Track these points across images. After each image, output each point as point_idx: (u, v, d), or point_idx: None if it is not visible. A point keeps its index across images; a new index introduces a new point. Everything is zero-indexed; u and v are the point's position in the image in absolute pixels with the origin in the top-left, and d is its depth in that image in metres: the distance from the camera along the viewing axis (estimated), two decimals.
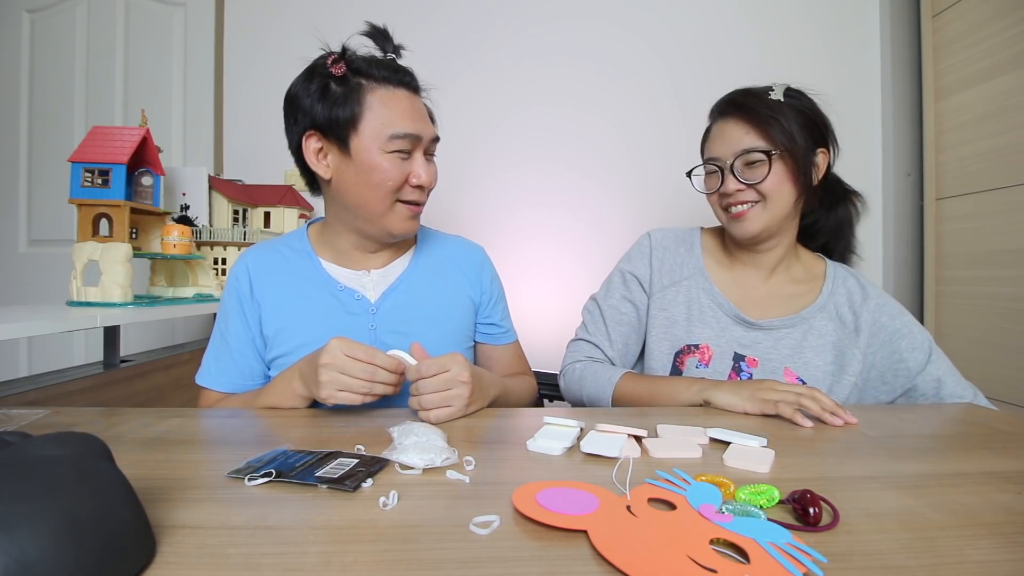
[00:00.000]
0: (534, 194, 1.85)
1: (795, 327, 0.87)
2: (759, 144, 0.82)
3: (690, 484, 0.44)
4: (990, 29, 1.53)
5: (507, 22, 1.88)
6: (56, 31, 1.97)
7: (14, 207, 2.00)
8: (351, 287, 0.84)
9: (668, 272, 0.94)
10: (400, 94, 0.78)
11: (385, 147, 0.76)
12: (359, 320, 0.83)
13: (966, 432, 0.64)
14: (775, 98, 0.83)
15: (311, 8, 1.91)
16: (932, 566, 0.34)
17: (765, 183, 0.82)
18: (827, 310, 0.88)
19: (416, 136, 0.77)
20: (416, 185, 0.79)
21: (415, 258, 0.90)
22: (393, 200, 0.79)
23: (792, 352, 0.86)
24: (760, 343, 0.87)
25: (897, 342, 0.84)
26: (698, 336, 0.89)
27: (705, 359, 0.88)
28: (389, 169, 0.76)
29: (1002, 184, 1.49)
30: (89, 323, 0.99)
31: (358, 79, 0.76)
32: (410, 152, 0.78)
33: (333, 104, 0.76)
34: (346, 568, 0.33)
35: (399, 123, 0.76)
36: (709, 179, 0.89)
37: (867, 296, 0.88)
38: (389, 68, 0.78)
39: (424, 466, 0.48)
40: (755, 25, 1.89)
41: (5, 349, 1.92)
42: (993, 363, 1.50)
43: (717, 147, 0.86)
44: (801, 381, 0.84)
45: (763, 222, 0.84)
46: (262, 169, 1.87)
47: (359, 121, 0.75)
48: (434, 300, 0.88)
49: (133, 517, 0.33)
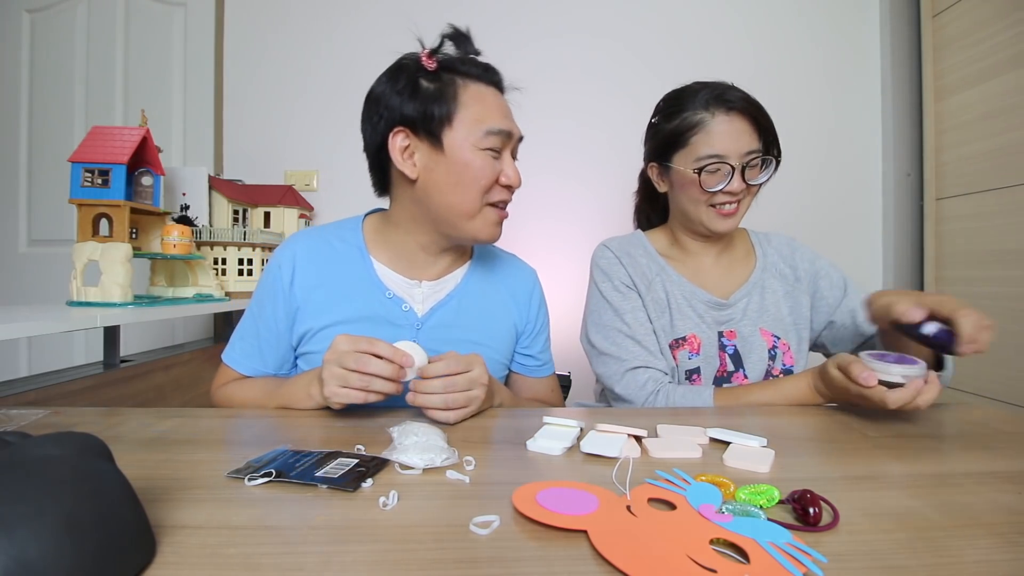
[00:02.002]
0: (542, 206, 1.86)
1: (752, 292, 0.94)
2: (759, 147, 0.85)
3: (690, 484, 0.44)
4: (990, 29, 1.53)
5: (509, 24, 1.88)
6: (56, 31, 1.97)
7: (14, 207, 2.00)
8: (400, 296, 0.81)
9: (639, 276, 0.93)
10: (491, 92, 0.77)
11: (480, 143, 0.74)
12: (402, 332, 0.79)
13: (966, 432, 0.64)
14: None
15: (311, 8, 1.91)
16: (932, 566, 0.34)
17: (761, 186, 0.87)
18: (769, 269, 0.96)
19: (509, 133, 0.76)
20: (506, 185, 0.77)
21: (468, 273, 0.87)
22: (483, 201, 0.76)
23: (759, 314, 0.92)
24: (733, 317, 0.92)
25: (817, 282, 0.95)
26: (681, 328, 0.90)
27: (695, 348, 0.90)
28: (482, 166, 0.74)
29: (1002, 184, 1.49)
30: (89, 323, 0.99)
31: (451, 75, 0.75)
32: (500, 151, 0.76)
33: (426, 100, 0.73)
34: (346, 568, 0.33)
35: (494, 119, 0.75)
36: (711, 177, 0.85)
37: (793, 248, 0.98)
38: (480, 66, 0.77)
39: (424, 466, 0.48)
40: (755, 25, 1.89)
41: (5, 349, 1.92)
42: (993, 363, 1.50)
43: (722, 144, 0.83)
44: (776, 336, 0.90)
45: (739, 220, 0.90)
46: (262, 169, 1.88)
47: (454, 116, 0.73)
48: (480, 323, 0.84)
49: (133, 517, 0.33)
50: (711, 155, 0.84)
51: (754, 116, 0.85)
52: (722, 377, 0.89)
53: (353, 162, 1.85)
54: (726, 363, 0.89)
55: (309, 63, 1.90)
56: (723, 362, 0.89)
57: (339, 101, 1.86)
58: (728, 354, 0.89)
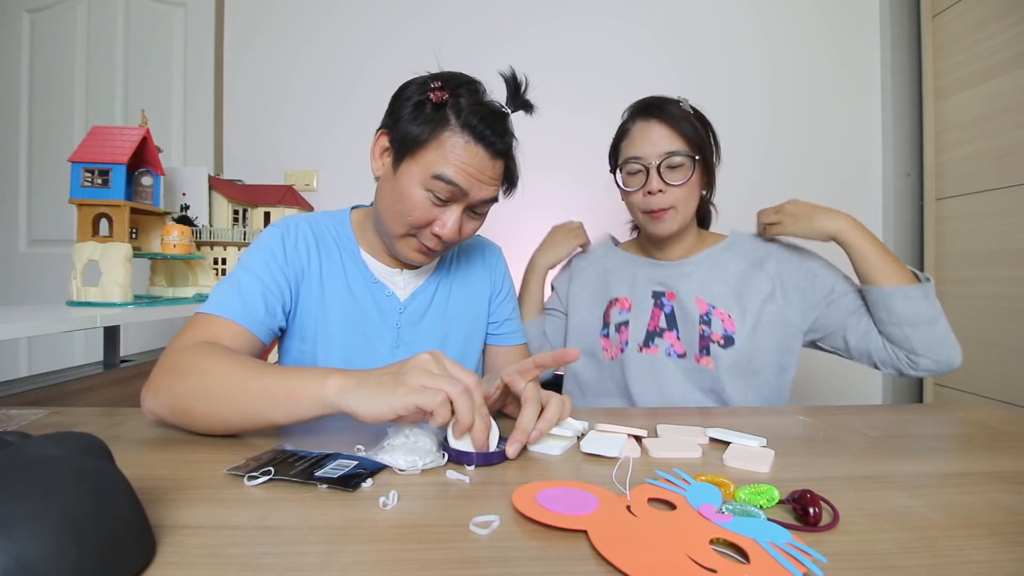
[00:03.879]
0: (540, 203, 1.85)
1: (701, 263, 0.97)
2: (681, 148, 0.88)
3: (690, 484, 0.44)
4: (990, 29, 1.53)
5: (505, 17, 1.88)
6: (56, 31, 1.97)
7: (14, 207, 2.00)
8: (383, 281, 0.84)
9: (580, 259, 1.10)
10: (474, 150, 0.72)
11: (424, 183, 0.72)
12: (386, 317, 0.83)
13: (966, 432, 0.64)
14: (686, 108, 0.91)
15: (311, 8, 1.91)
16: (932, 566, 0.34)
17: (684, 186, 0.89)
18: (732, 250, 0.98)
19: (460, 188, 0.72)
20: (436, 234, 0.74)
21: (445, 258, 0.90)
22: (407, 232, 0.76)
23: (702, 284, 0.95)
24: (674, 279, 0.97)
25: (807, 263, 0.95)
26: (616, 291, 1.01)
27: (625, 307, 0.99)
28: (417, 206, 0.72)
29: (1002, 184, 1.49)
30: (89, 323, 0.99)
31: (448, 113, 0.72)
32: (446, 201, 0.73)
33: (413, 120, 0.72)
34: (346, 568, 0.33)
35: (447, 168, 0.71)
36: (631, 178, 0.93)
37: (771, 243, 0.98)
38: (483, 122, 0.71)
39: (406, 468, 0.48)
40: (754, 25, 1.89)
41: (5, 349, 1.92)
42: (993, 363, 1.50)
43: (640, 147, 0.91)
44: (712, 307, 0.93)
45: (678, 222, 0.92)
46: (262, 169, 1.88)
47: (420, 150, 0.72)
48: (459, 303, 0.88)
49: (133, 517, 0.33)
50: (630, 156, 0.92)
51: (672, 122, 0.89)
52: (653, 332, 0.95)
53: (353, 162, 1.88)
54: (659, 320, 0.96)
55: (309, 63, 1.90)
56: (656, 318, 0.96)
57: (339, 101, 1.86)
58: (664, 312, 0.96)
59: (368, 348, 0.81)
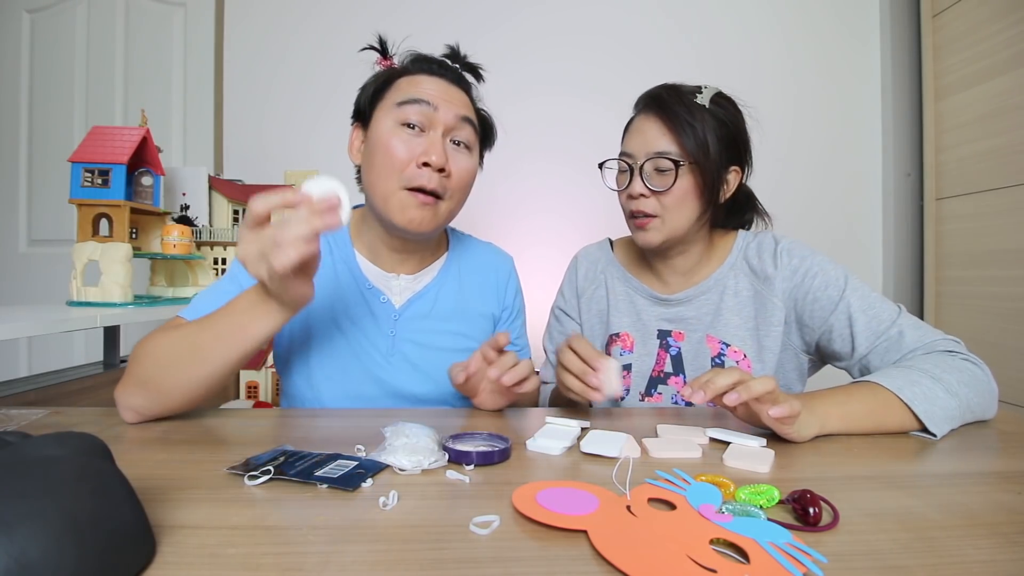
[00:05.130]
0: (536, 198, 1.85)
1: (711, 291, 0.85)
2: (670, 150, 0.77)
3: (690, 484, 0.44)
4: (990, 29, 1.53)
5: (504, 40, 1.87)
6: (56, 31, 1.97)
7: (14, 207, 2.00)
8: (378, 287, 0.80)
9: (591, 277, 0.95)
10: (429, 79, 0.74)
11: (397, 117, 0.71)
12: (380, 324, 0.79)
13: (966, 432, 0.64)
14: (700, 102, 0.78)
15: (311, 8, 1.91)
16: (932, 566, 0.34)
17: (668, 194, 0.78)
18: (737, 267, 0.85)
19: (428, 104, 0.71)
20: (423, 164, 0.70)
21: (446, 265, 0.86)
22: (399, 184, 0.71)
23: (712, 318, 0.83)
24: (683, 316, 0.86)
25: (809, 282, 0.79)
26: (617, 324, 0.89)
27: (628, 345, 0.88)
28: (396, 145, 0.70)
29: (1002, 184, 1.49)
30: (89, 323, 0.99)
31: (396, 69, 0.77)
32: (424, 128, 0.71)
33: (366, 88, 0.76)
34: (346, 568, 0.33)
35: (409, 91, 0.72)
36: (620, 176, 0.84)
37: (777, 242, 0.84)
38: (433, 62, 0.76)
39: (411, 468, 0.48)
40: (755, 26, 1.89)
41: (5, 349, 1.92)
42: (993, 363, 1.48)
43: (632, 143, 0.81)
44: (724, 344, 0.82)
45: (663, 234, 0.80)
46: (262, 169, 1.87)
47: (380, 100, 0.74)
48: (458, 313, 0.84)
49: (133, 517, 0.33)
50: (621, 151, 0.83)
51: (669, 119, 0.77)
52: (657, 378, 0.85)
53: None
54: (664, 363, 0.85)
55: (309, 63, 1.90)
56: (660, 362, 0.86)
57: (339, 101, 1.85)
58: (671, 355, 0.85)
59: (361, 355, 0.78)
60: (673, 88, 0.81)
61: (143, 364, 0.62)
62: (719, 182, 0.80)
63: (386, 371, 0.78)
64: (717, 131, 0.78)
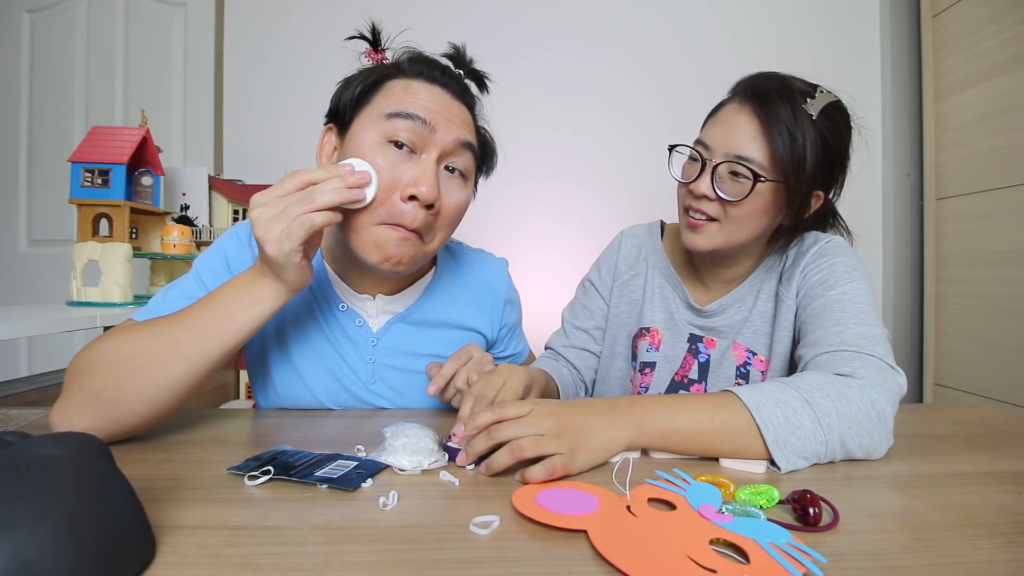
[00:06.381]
0: (536, 204, 1.86)
1: (745, 298, 0.77)
2: (755, 157, 0.66)
3: (690, 484, 0.44)
4: (990, 29, 1.53)
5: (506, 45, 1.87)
6: (56, 31, 1.97)
7: (14, 207, 2.00)
8: (354, 309, 0.71)
9: (631, 262, 0.86)
10: (429, 88, 0.62)
11: (383, 131, 0.59)
12: (358, 349, 0.71)
13: (966, 432, 0.64)
14: (809, 110, 0.66)
15: (311, 8, 1.91)
16: (932, 566, 0.34)
17: (737, 206, 0.67)
18: (773, 268, 0.77)
19: (424, 122, 0.58)
20: (410, 196, 0.58)
21: (432, 284, 0.75)
22: (374, 219, 0.58)
23: (742, 323, 0.77)
24: (716, 325, 0.79)
25: (811, 277, 0.70)
26: (649, 319, 0.82)
27: (655, 343, 0.81)
28: (379, 168, 0.57)
29: (1002, 184, 1.49)
30: (89, 323, 0.99)
31: (390, 67, 0.64)
32: (414, 151, 0.59)
33: (349, 84, 0.63)
34: (346, 568, 0.33)
35: (403, 103, 0.59)
36: (689, 165, 0.72)
37: (816, 241, 0.74)
38: (435, 67, 0.63)
39: (411, 468, 0.48)
40: (754, 26, 1.89)
41: (5, 349, 1.92)
42: (993, 363, 1.50)
43: (712, 134, 0.70)
44: (751, 353, 0.76)
45: (717, 243, 0.71)
46: (262, 169, 1.87)
47: (366, 103, 0.61)
48: (444, 335, 0.74)
49: (133, 517, 0.33)
50: (698, 140, 0.71)
51: (767, 120, 0.65)
52: (679, 382, 0.80)
53: None
54: (690, 369, 0.79)
55: (309, 63, 1.90)
56: (686, 366, 0.80)
57: None
58: (699, 361, 0.79)
59: (341, 381, 0.71)
60: (783, 82, 0.69)
61: (93, 374, 0.52)
62: (802, 208, 0.68)
63: (369, 394, 0.72)
64: (818, 149, 0.66)
